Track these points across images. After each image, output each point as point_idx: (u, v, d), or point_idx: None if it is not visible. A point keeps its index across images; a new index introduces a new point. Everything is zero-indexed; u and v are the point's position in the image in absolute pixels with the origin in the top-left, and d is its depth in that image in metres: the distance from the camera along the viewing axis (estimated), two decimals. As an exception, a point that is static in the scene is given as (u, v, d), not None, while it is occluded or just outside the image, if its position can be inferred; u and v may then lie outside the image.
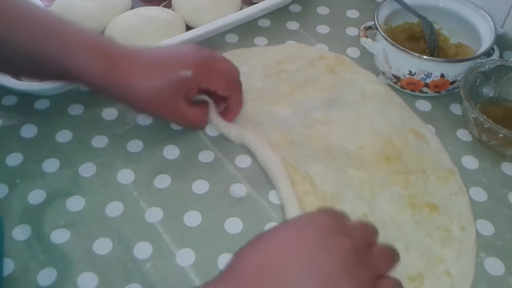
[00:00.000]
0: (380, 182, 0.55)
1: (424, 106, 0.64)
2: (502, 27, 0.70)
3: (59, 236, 0.51)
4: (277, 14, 0.76)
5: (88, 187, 0.55)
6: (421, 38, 0.67)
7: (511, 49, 0.70)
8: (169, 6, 0.75)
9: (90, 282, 0.48)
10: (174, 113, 0.56)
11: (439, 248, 0.50)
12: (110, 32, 0.70)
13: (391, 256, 0.40)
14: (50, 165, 0.57)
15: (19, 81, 0.62)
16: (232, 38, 0.72)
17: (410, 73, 0.62)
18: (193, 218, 0.53)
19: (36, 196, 0.54)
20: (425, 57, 0.61)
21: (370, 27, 0.67)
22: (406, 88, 0.64)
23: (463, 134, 0.61)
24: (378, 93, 0.65)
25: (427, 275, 0.48)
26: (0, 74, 0.61)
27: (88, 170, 0.57)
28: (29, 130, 0.60)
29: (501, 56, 0.66)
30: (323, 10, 0.78)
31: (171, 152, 0.59)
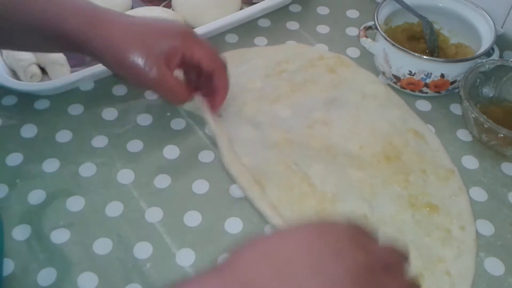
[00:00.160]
0: (380, 182, 0.55)
1: (424, 106, 0.64)
2: (502, 27, 0.70)
3: (59, 236, 0.51)
4: (277, 14, 0.76)
5: (88, 187, 0.55)
6: (421, 38, 0.67)
7: (511, 49, 0.70)
8: (169, 6, 0.75)
9: (90, 282, 0.48)
10: (154, 72, 0.52)
11: (439, 248, 0.50)
12: (110, 32, 0.70)
13: None
14: (50, 165, 0.57)
15: (19, 81, 0.62)
16: (232, 38, 0.72)
17: (410, 73, 0.62)
18: (193, 218, 0.53)
19: (36, 196, 0.54)
20: (425, 57, 0.61)
21: (370, 27, 0.67)
22: (406, 88, 0.64)
23: (463, 134, 0.61)
24: (378, 93, 0.65)
25: (427, 275, 0.48)
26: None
27: (88, 170, 0.57)
28: (29, 130, 0.60)
29: (501, 56, 0.66)
30: (323, 10, 0.78)
31: (171, 152, 0.59)
